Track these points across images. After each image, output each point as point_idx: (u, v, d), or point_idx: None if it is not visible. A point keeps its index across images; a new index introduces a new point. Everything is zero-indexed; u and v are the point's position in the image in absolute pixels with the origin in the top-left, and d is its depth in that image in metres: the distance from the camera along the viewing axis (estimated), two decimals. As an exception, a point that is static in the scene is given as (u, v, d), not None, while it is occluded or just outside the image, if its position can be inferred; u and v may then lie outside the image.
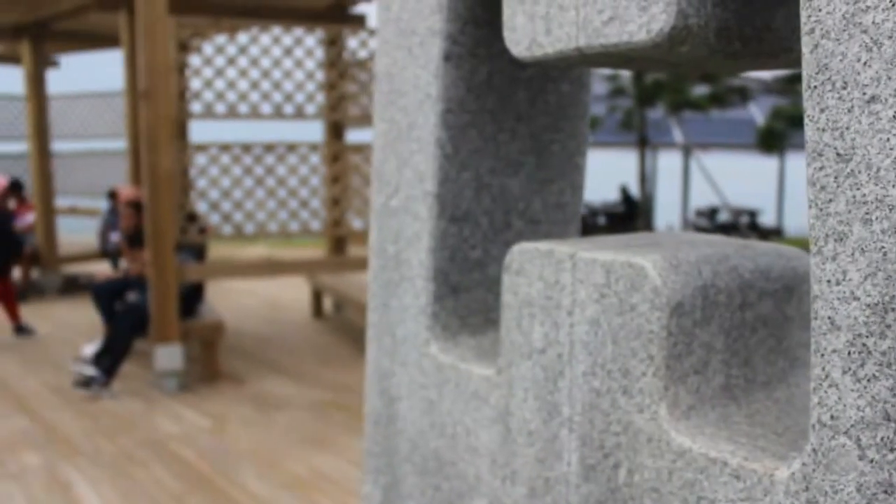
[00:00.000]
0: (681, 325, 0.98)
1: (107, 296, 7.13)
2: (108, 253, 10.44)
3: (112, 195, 10.72)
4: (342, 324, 9.10)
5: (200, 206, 6.85)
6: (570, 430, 1.10)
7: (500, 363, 1.22)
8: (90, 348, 6.81)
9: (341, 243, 9.27)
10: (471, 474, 1.29)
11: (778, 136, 12.89)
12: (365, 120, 7.63)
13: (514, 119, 1.39)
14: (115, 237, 9.90)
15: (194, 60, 6.73)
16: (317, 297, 9.42)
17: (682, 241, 1.14)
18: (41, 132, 11.07)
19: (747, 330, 1.06)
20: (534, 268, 1.13)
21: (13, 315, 8.56)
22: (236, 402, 6.13)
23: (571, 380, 1.09)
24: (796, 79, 12.85)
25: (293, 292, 11.01)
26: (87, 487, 4.53)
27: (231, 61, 6.55)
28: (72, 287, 10.96)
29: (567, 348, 1.09)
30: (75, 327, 9.02)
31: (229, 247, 15.43)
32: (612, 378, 1.04)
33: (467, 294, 1.40)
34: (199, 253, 7.36)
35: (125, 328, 6.51)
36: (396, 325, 1.45)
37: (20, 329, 8.58)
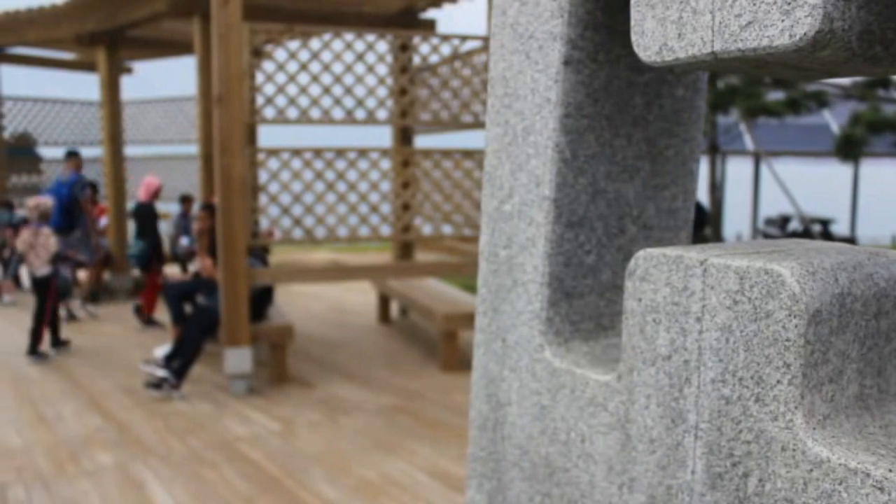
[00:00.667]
0: (818, 333, 0.96)
1: (177, 296, 7.26)
2: (177, 257, 10.63)
3: (184, 200, 10.91)
4: (408, 329, 9.13)
5: (271, 211, 6.92)
6: (696, 438, 1.08)
7: (620, 369, 1.20)
8: (161, 350, 6.93)
9: (408, 248, 9.32)
10: (584, 481, 1.28)
11: (857, 143, 12.45)
12: (435, 125, 7.66)
13: (630, 124, 1.37)
14: (185, 241, 10.08)
15: (267, 66, 6.80)
16: (383, 301, 9.47)
17: (809, 248, 1.12)
18: (115, 137, 11.35)
19: (881, 339, 1.04)
20: (660, 273, 1.11)
21: (149, 306, 9.46)
22: (304, 406, 6.18)
23: (699, 387, 1.07)
24: (877, 84, 12.47)
25: (359, 297, 11.09)
26: (159, 487, 4.61)
27: (303, 66, 6.62)
28: (143, 289, 11.14)
29: (695, 355, 1.08)
30: (146, 329, 9.21)
31: (295, 251, 15.61)
32: (743, 385, 1.02)
33: (580, 299, 1.39)
34: (264, 257, 7.46)
35: (196, 331, 6.60)
36: (507, 330, 1.44)
37: (149, 321, 9.39)
